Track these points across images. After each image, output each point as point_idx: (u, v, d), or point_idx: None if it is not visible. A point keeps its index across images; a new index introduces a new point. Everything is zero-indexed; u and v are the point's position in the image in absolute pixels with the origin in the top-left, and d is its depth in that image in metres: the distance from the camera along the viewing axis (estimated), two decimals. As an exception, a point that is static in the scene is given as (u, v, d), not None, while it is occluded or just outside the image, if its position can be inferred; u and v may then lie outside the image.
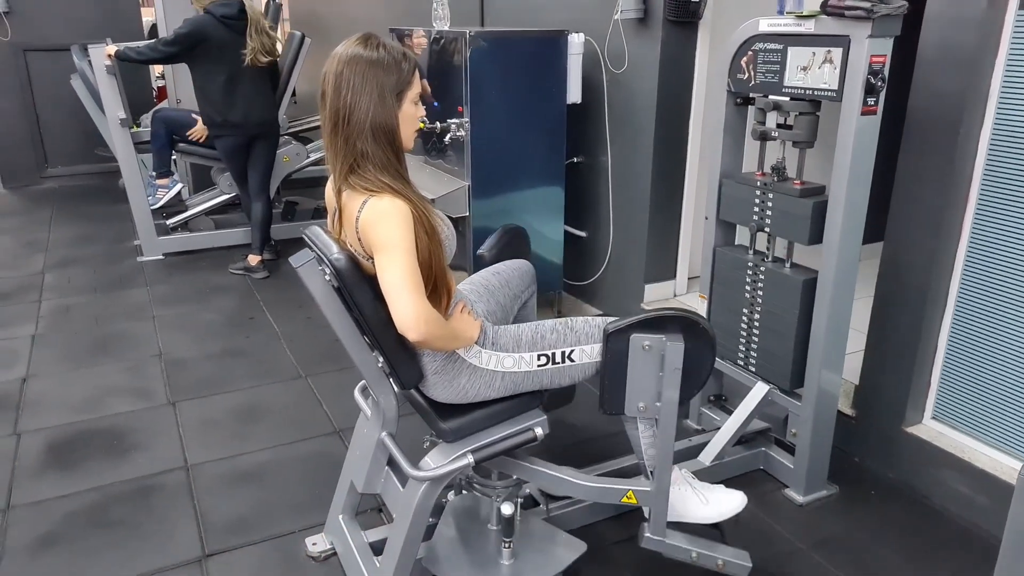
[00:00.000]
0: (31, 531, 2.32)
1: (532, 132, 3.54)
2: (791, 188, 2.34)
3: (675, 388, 1.83)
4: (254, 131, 4.35)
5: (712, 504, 2.04)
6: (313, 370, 3.35)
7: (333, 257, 1.69)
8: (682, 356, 1.81)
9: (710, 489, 2.08)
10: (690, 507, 2.03)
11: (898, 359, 2.52)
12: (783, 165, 2.40)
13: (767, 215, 2.40)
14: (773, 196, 2.38)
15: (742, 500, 2.08)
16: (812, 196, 2.30)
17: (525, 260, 2.30)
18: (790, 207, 2.33)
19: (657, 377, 1.84)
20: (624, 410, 1.89)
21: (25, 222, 5.63)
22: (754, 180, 2.45)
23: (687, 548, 2.00)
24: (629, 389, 1.86)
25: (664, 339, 1.81)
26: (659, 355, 1.82)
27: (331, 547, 2.22)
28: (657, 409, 1.87)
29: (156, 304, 4.11)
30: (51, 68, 6.33)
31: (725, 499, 2.06)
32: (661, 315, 1.83)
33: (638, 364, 1.84)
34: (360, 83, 1.64)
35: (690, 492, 2.04)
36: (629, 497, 1.97)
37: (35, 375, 3.31)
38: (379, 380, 1.93)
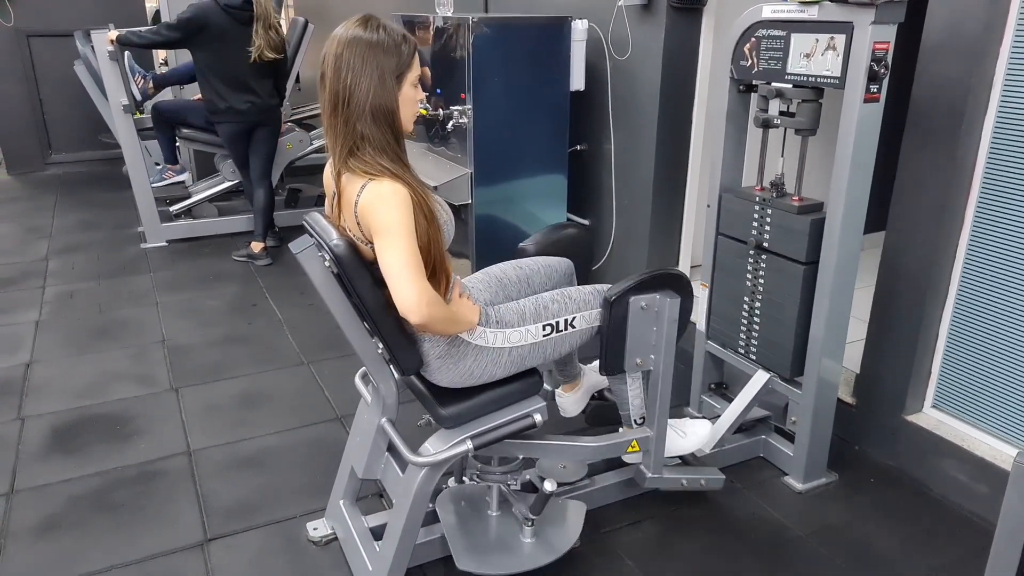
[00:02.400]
0: (35, 514, 2.34)
1: (535, 119, 3.53)
2: (789, 204, 2.33)
3: (673, 339, 2.11)
4: (256, 118, 4.34)
5: (689, 436, 2.35)
6: (315, 357, 3.36)
7: (332, 243, 1.69)
8: (678, 309, 2.07)
9: (683, 423, 2.38)
10: (672, 443, 2.30)
11: (899, 348, 2.52)
12: (782, 180, 2.39)
13: (766, 230, 2.40)
14: (772, 212, 2.37)
15: (709, 425, 2.40)
16: (810, 213, 2.30)
17: (567, 259, 2.28)
18: (788, 223, 2.33)
19: (652, 332, 2.09)
20: (624, 368, 2.12)
21: (29, 208, 5.64)
22: (753, 195, 2.44)
23: (678, 477, 2.30)
24: (628, 348, 2.10)
25: (659, 297, 2.06)
26: (654, 312, 2.07)
27: (332, 532, 2.24)
28: (651, 362, 2.12)
29: (159, 290, 4.12)
30: (55, 54, 6.32)
31: (698, 428, 2.38)
32: (653, 275, 2.08)
33: (637, 323, 2.07)
34: (360, 65, 1.63)
35: (669, 431, 2.28)
36: (633, 447, 2.21)
37: (39, 361, 3.33)
38: (379, 366, 1.94)
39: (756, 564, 2.15)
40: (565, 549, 2.05)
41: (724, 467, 2.47)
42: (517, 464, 2.10)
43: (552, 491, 1.97)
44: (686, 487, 2.30)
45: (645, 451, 2.22)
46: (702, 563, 2.16)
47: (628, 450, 2.21)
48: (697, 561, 2.17)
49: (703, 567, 2.15)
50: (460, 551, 2.00)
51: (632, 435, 2.21)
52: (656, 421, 2.19)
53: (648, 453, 2.23)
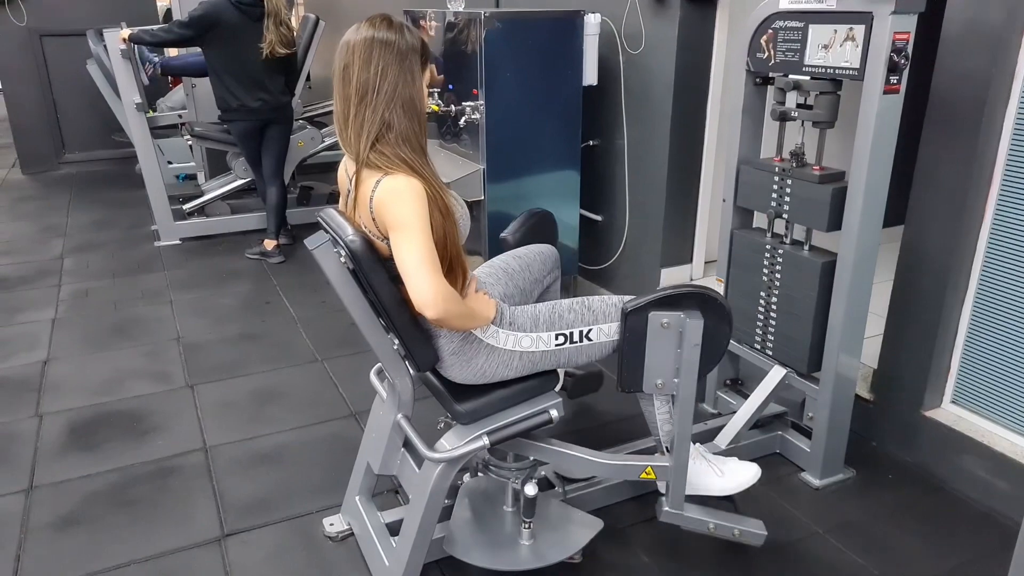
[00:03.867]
0: (53, 510, 2.36)
1: (547, 115, 3.51)
2: (810, 174, 2.30)
3: (694, 364, 1.86)
4: (268, 116, 4.35)
5: (727, 476, 2.09)
6: (329, 354, 3.36)
7: (348, 239, 1.69)
8: (701, 332, 1.83)
9: (724, 461, 2.13)
10: (705, 480, 2.07)
11: (917, 343, 2.50)
12: (802, 150, 2.36)
13: (785, 201, 2.37)
14: (791, 182, 2.35)
15: (756, 472, 2.12)
16: (831, 182, 2.27)
17: (550, 245, 2.29)
18: (809, 193, 2.29)
19: (675, 354, 1.86)
20: (642, 387, 1.92)
21: (44, 207, 5.68)
22: (772, 166, 2.42)
23: (704, 520, 2.04)
24: (647, 366, 1.89)
25: (682, 316, 1.83)
26: (677, 332, 1.84)
27: (348, 528, 2.24)
28: (675, 385, 1.90)
29: (173, 288, 4.13)
30: (67, 53, 6.35)
31: (740, 470, 2.11)
32: (678, 292, 1.84)
33: (656, 341, 1.86)
34: (389, 59, 1.65)
35: (705, 465, 2.08)
36: (648, 473, 2.01)
37: (55, 358, 3.35)
38: (395, 362, 1.93)
39: (772, 560, 2.14)
40: (555, 560, 1.99)
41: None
42: (529, 463, 2.08)
43: (533, 495, 1.95)
44: (712, 532, 2.05)
45: (662, 481, 2.03)
46: (718, 560, 2.15)
47: (642, 476, 2.03)
48: (713, 558, 2.16)
49: (719, 563, 2.14)
50: (453, 535, 2.01)
51: (648, 461, 2.02)
52: (676, 451, 1.96)
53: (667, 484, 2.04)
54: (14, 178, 6.51)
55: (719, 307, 1.87)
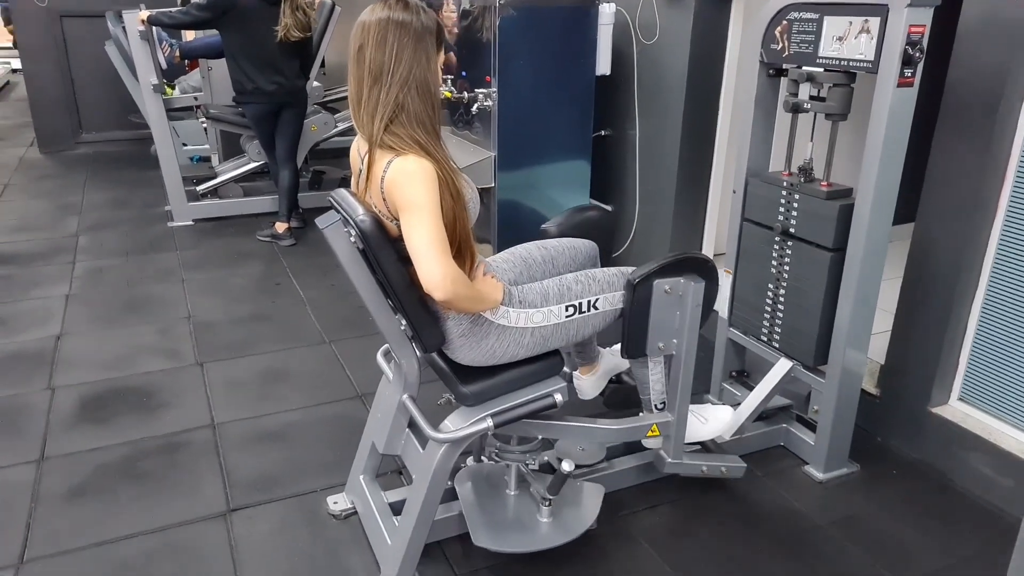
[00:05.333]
0: (64, 481, 2.39)
1: (560, 103, 3.52)
2: (818, 190, 2.30)
3: (696, 323, 2.09)
4: (282, 99, 4.37)
5: (711, 422, 2.34)
6: (337, 336, 3.38)
7: (358, 218, 1.70)
8: (703, 294, 2.05)
9: (704, 408, 2.38)
10: (693, 429, 2.29)
11: (926, 339, 2.49)
12: (811, 165, 2.36)
13: (792, 216, 2.37)
14: (799, 197, 2.34)
15: (731, 411, 2.38)
16: (839, 199, 2.26)
17: (591, 242, 2.27)
18: (816, 208, 2.29)
19: (676, 316, 2.07)
20: (645, 351, 2.08)
21: (60, 185, 5.73)
22: (780, 180, 2.41)
23: (697, 464, 2.29)
24: (651, 331, 2.08)
25: (683, 281, 2.04)
26: (678, 296, 2.05)
27: (351, 506, 2.26)
28: (674, 346, 2.11)
29: (186, 268, 4.17)
30: (87, 34, 6.39)
31: (719, 414, 2.36)
32: (677, 259, 2.06)
33: (660, 307, 2.06)
34: (404, 40, 1.66)
35: (691, 416, 2.27)
36: (653, 431, 2.19)
37: (68, 333, 3.39)
38: (402, 343, 1.95)
39: (774, 551, 2.15)
40: (581, 531, 2.06)
41: (744, 455, 2.45)
42: (536, 444, 2.11)
43: (569, 471, 1.98)
44: (706, 473, 2.30)
45: (666, 436, 2.21)
46: (719, 549, 2.16)
47: (648, 435, 2.19)
48: (714, 547, 2.17)
49: (719, 552, 2.15)
50: (477, 527, 2.02)
51: (653, 419, 2.19)
52: (678, 406, 2.17)
53: (668, 438, 2.22)
54: (32, 156, 6.57)
55: (711, 268, 2.11)
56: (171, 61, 4.88)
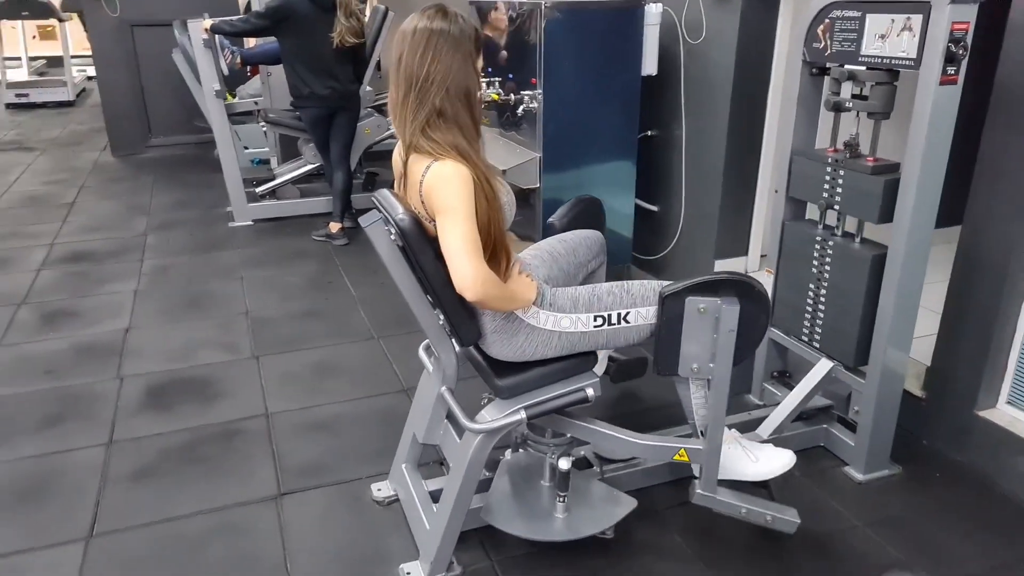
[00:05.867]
0: (130, 463, 2.55)
1: (605, 104, 3.55)
2: (863, 165, 2.28)
3: (729, 350, 1.89)
4: (336, 103, 4.52)
5: (762, 461, 2.10)
6: (385, 332, 3.49)
7: (398, 217, 1.78)
8: (737, 318, 1.86)
9: (759, 448, 2.14)
10: (739, 464, 2.09)
11: (973, 342, 2.45)
12: (856, 141, 2.34)
13: (837, 192, 2.36)
14: (844, 173, 2.33)
15: (791, 458, 2.12)
16: (884, 173, 2.24)
17: (596, 230, 2.34)
18: (861, 184, 2.28)
19: (711, 339, 1.90)
20: (678, 371, 1.95)
21: (130, 188, 6.03)
22: (825, 156, 2.40)
23: (737, 504, 2.07)
24: (684, 351, 1.93)
25: (719, 302, 1.86)
26: (713, 318, 1.87)
27: (394, 494, 2.35)
28: (710, 370, 1.93)
29: (244, 266, 4.35)
30: (155, 43, 6.69)
31: (774, 456, 2.12)
32: (716, 278, 1.88)
33: (693, 326, 1.90)
34: (441, 47, 1.72)
35: (740, 450, 2.10)
36: (681, 455, 2.04)
37: (136, 327, 3.59)
38: (440, 338, 2.02)
39: (808, 550, 2.15)
40: (587, 533, 2.06)
41: (782, 454, 2.45)
42: (566, 439, 2.15)
43: (566, 470, 2.02)
44: (744, 517, 2.08)
45: (695, 463, 2.08)
46: (752, 545, 2.17)
47: (675, 457, 2.07)
48: (747, 543, 2.18)
49: (753, 548, 2.16)
50: (491, 505, 2.09)
51: (682, 443, 2.06)
52: (709, 435, 2.01)
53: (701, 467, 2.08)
54: (105, 160, 6.92)
55: (757, 295, 1.90)
56: (233, 68, 5.09)
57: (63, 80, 9.79)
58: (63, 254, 4.55)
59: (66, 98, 9.70)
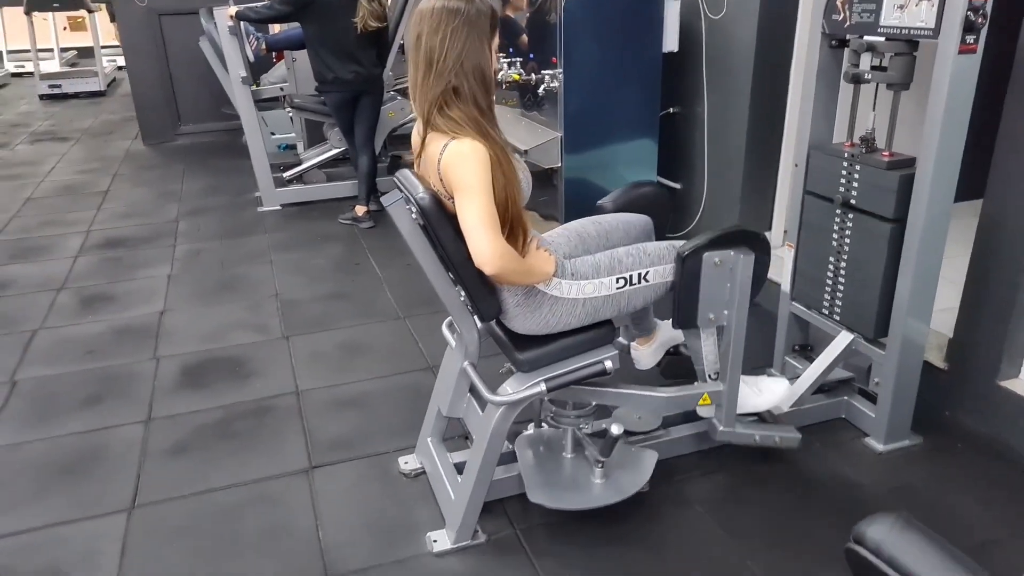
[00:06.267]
0: (168, 439, 2.66)
1: (626, 82, 3.56)
2: (879, 160, 2.29)
3: (747, 295, 2.12)
4: (360, 87, 4.57)
5: (765, 393, 2.37)
6: (411, 312, 3.56)
7: (418, 196, 1.83)
8: (752, 267, 2.08)
9: (758, 380, 2.42)
10: (747, 399, 2.33)
11: (995, 312, 2.44)
12: (873, 136, 2.34)
13: (853, 187, 2.36)
14: (860, 168, 2.33)
15: (787, 385, 2.41)
16: (900, 168, 2.24)
17: (646, 216, 2.33)
18: (877, 179, 2.28)
19: (727, 289, 2.11)
20: (696, 323, 2.13)
21: (162, 175, 6.16)
22: (842, 151, 2.40)
23: (750, 432, 2.32)
24: (701, 303, 2.12)
25: (733, 254, 2.07)
26: (728, 269, 2.08)
27: (420, 466, 2.43)
28: (725, 317, 2.15)
29: (273, 250, 4.45)
30: (183, 31, 6.79)
31: (774, 386, 2.40)
32: (728, 232, 2.09)
33: (710, 279, 2.09)
34: (457, 27, 1.76)
35: (745, 387, 2.32)
36: (705, 399, 2.25)
37: (170, 309, 3.70)
38: (462, 313, 2.08)
39: (827, 518, 2.18)
40: (632, 491, 2.14)
41: (803, 427, 2.47)
42: (590, 410, 2.21)
43: (618, 434, 2.06)
44: (759, 443, 2.32)
45: (717, 405, 2.27)
46: (772, 514, 2.21)
47: (699, 403, 2.25)
48: (767, 512, 2.22)
49: (773, 517, 2.20)
50: (533, 485, 2.14)
51: (704, 388, 2.25)
52: (728, 376, 2.22)
53: (720, 407, 2.27)
54: (136, 149, 7.07)
55: (762, 242, 2.13)
56: (258, 54, 5.17)
57: (94, 70, 9.97)
58: (99, 240, 4.68)
59: (98, 88, 9.89)
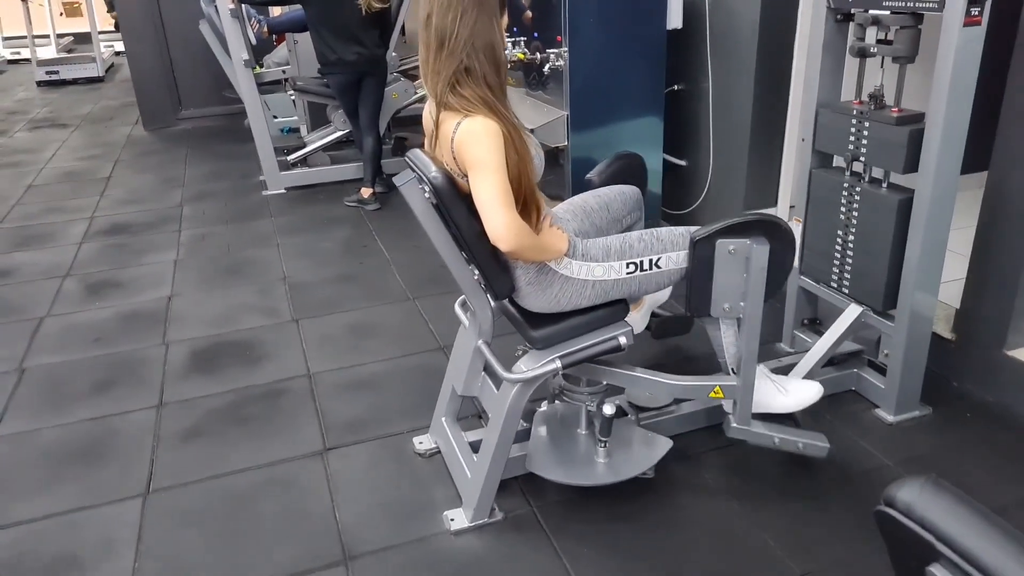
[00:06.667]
0: (180, 423, 2.68)
1: (631, 60, 3.54)
2: (888, 116, 2.29)
3: (761, 287, 1.98)
4: (364, 68, 4.55)
5: (791, 394, 2.18)
6: (420, 293, 3.58)
7: (432, 175, 1.84)
8: (767, 257, 1.94)
9: (787, 380, 2.23)
10: (771, 398, 2.17)
11: (1002, 283, 2.45)
12: (881, 92, 2.34)
13: (863, 144, 2.36)
14: (869, 124, 2.33)
15: (819, 390, 2.20)
16: (909, 124, 2.24)
17: (634, 187, 2.35)
18: (886, 135, 2.28)
19: (742, 279, 1.98)
20: (710, 312, 2.03)
21: (164, 160, 6.15)
22: (850, 108, 2.40)
23: (769, 434, 2.16)
24: (715, 292, 2.01)
25: (748, 242, 1.94)
26: (743, 258, 1.96)
27: (435, 446, 2.45)
28: (741, 308, 2.01)
29: (280, 233, 4.45)
30: (182, 14, 6.75)
31: (803, 388, 2.20)
32: (744, 220, 1.97)
33: (724, 267, 1.98)
34: (468, 5, 1.76)
35: (770, 384, 2.17)
36: (716, 392, 2.13)
37: (178, 294, 3.72)
38: (476, 292, 2.09)
39: (839, 488, 2.21)
40: (630, 475, 2.15)
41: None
42: (602, 387, 2.22)
43: (611, 415, 2.08)
44: (778, 446, 2.17)
45: (731, 399, 2.16)
46: (784, 484, 2.24)
47: (711, 395, 2.16)
48: (777, 481, 2.25)
49: (785, 489, 2.23)
50: (533, 455, 2.17)
51: (716, 381, 2.15)
52: (743, 370, 2.09)
53: (734, 403, 2.16)
54: (137, 134, 7.05)
55: (783, 233, 1.98)
56: (260, 37, 5.14)
57: (92, 56, 9.92)
58: (103, 227, 4.69)
59: (96, 74, 9.84)
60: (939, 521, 0.68)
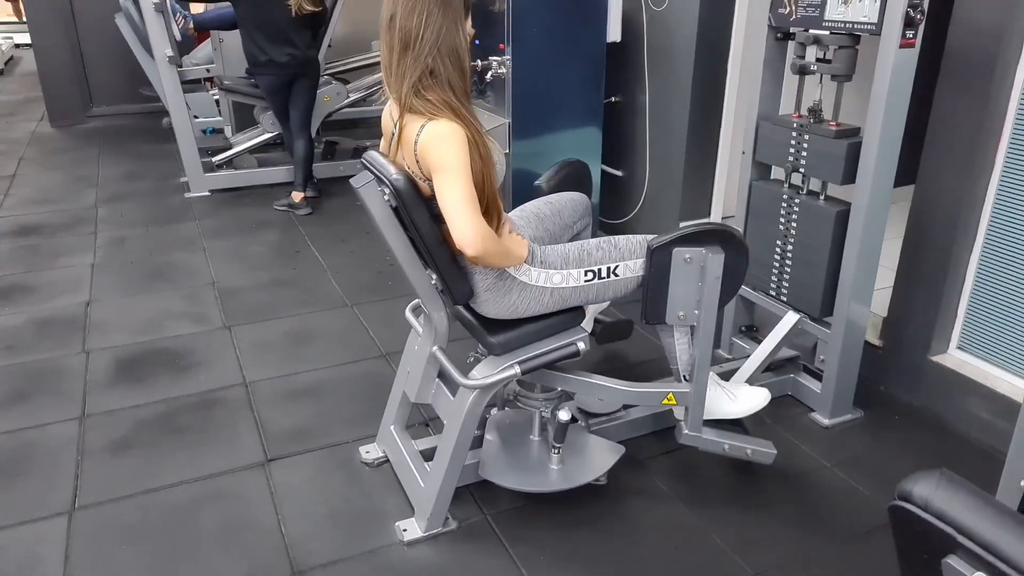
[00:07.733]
0: (107, 436, 2.53)
1: (572, 71, 3.59)
2: (827, 129, 2.40)
3: (715, 295, 2.01)
4: (295, 70, 4.44)
5: (740, 400, 2.23)
6: (358, 299, 3.50)
7: (393, 177, 1.80)
8: (722, 266, 1.97)
9: (736, 387, 2.28)
10: (720, 404, 2.21)
11: (926, 291, 2.60)
12: (820, 107, 2.45)
13: (802, 156, 2.47)
14: (809, 137, 2.44)
15: (766, 396, 2.26)
16: (847, 137, 2.36)
17: (582, 193, 2.38)
18: (825, 147, 2.39)
19: (697, 287, 2.01)
20: (665, 319, 2.05)
21: (74, 159, 5.81)
22: (790, 122, 2.51)
23: (720, 441, 2.20)
24: (671, 299, 2.04)
25: (704, 251, 1.97)
26: (699, 266, 1.98)
27: (383, 455, 2.39)
28: (695, 316, 2.05)
29: (206, 237, 4.28)
30: (95, 7, 6.42)
31: (751, 395, 2.26)
32: (701, 229, 1.99)
33: (680, 276, 2.00)
34: (432, 8, 1.74)
35: (719, 391, 2.22)
36: (669, 399, 2.15)
37: (97, 300, 3.51)
38: (432, 297, 2.06)
39: (782, 489, 2.28)
40: (582, 481, 2.16)
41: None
42: (556, 393, 2.23)
43: (566, 421, 2.09)
44: (727, 453, 2.20)
45: (683, 406, 2.18)
46: (729, 487, 2.30)
47: (663, 402, 2.18)
48: (726, 485, 2.31)
49: (730, 490, 2.29)
50: (486, 462, 2.16)
51: (669, 387, 2.17)
52: (695, 378, 2.11)
53: (686, 409, 2.18)
54: (44, 131, 6.64)
55: (738, 243, 2.02)
56: (185, 33, 4.94)
57: (-12, 48, 9.31)
58: (10, 227, 4.39)
59: (-8, 67, 9.24)
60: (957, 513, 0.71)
